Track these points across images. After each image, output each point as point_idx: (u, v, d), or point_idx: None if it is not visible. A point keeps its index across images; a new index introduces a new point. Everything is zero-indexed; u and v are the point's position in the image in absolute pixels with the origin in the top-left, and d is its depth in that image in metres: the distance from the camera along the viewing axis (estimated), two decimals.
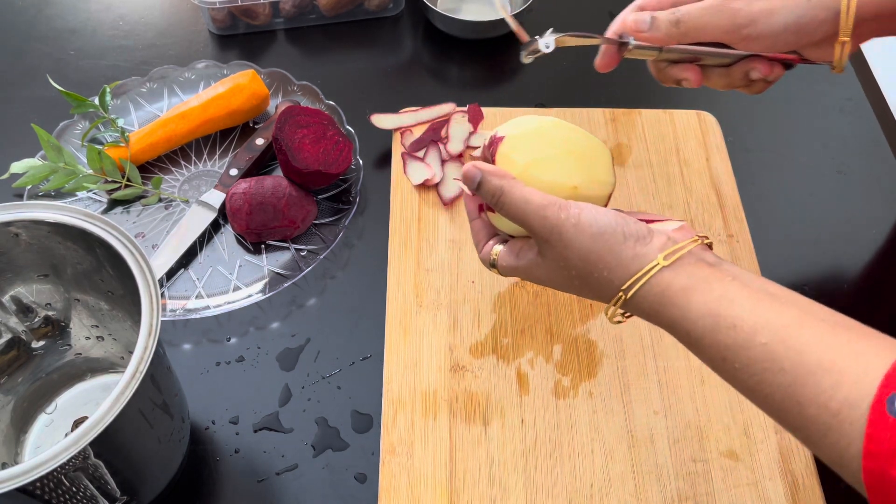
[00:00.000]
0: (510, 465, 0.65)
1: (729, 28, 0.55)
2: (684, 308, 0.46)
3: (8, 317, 0.61)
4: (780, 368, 0.42)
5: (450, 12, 0.94)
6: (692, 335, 0.47)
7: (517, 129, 0.55)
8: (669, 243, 0.48)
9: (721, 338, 0.45)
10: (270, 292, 0.73)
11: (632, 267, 0.48)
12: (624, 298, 0.48)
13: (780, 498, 0.64)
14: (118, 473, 0.52)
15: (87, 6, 0.98)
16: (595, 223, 0.48)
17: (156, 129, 0.81)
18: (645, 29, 0.56)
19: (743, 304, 0.45)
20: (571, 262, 0.49)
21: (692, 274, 0.47)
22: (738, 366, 0.45)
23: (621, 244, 0.48)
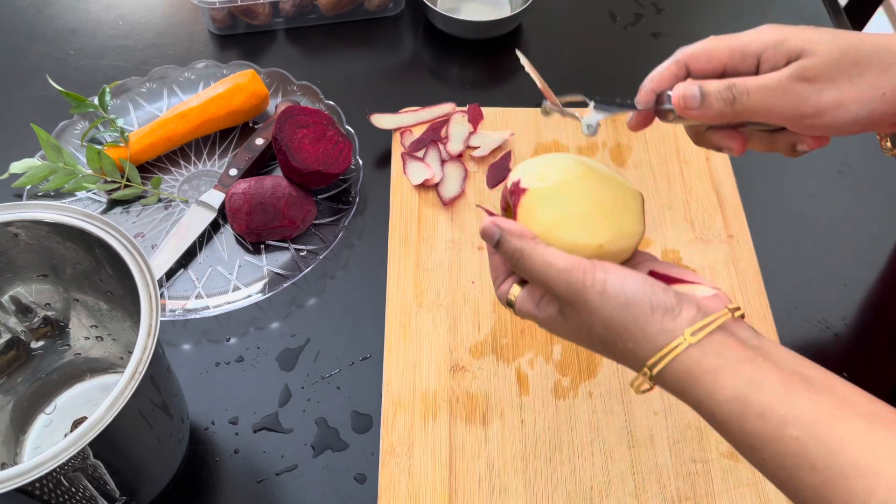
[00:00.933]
0: (510, 465, 0.65)
1: (792, 115, 0.49)
2: (711, 390, 0.44)
3: (7, 317, 0.61)
4: (812, 466, 0.40)
5: (450, 12, 0.93)
6: (717, 418, 0.44)
7: (541, 179, 0.51)
8: (699, 316, 0.45)
9: (749, 426, 0.42)
10: (270, 292, 0.73)
11: (658, 342, 0.45)
12: (649, 375, 0.46)
13: (780, 498, 0.64)
14: (117, 474, 0.52)
15: (87, 6, 0.98)
16: (622, 292, 0.46)
17: (155, 129, 0.81)
18: (695, 107, 0.49)
19: (774, 390, 0.42)
20: (595, 328, 0.47)
21: (720, 353, 0.44)
22: (766, 457, 0.42)
23: (648, 316, 0.45)
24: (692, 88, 0.49)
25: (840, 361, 0.73)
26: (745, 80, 0.49)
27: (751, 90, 0.49)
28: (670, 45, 0.79)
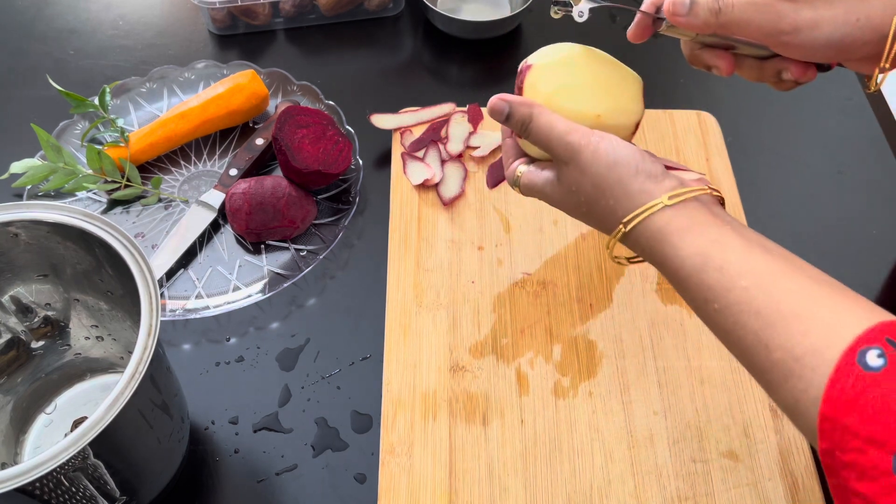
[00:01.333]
0: (510, 465, 0.65)
1: (770, 31, 0.52)
2: (677, 246, 0.48)
3: (7, 317, 0.61)
4: (756, 311, 0.44)
5: (450, 12, 0.94)
6: (680, 273, 0.48)
7: (545, 58, 0.56)
8: (679, 186, 0.50)
9: (706, 278, 0.46)
10: (270, 292, 0.73)
11: (637, 201, 0.49)
12: (623, 231, 0.50)
13: (779, 498, 0.64)
14: (118, 473, 0.52)
15: (87, 6, 0.98)
16: (612, 153, 0.50)
17: (155, 129, 0.81)
18: (683, 13, 0.53)
19: (734, 249, 0.46)
20: (583, 187, 0.51)
21: (691, 217, 0.48)
22: (717, 307, 0.46)
23: (631, 177, 0.50)
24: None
25: None
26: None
27: (735, 3, 0.52)
28: (670, 46, 0.79)
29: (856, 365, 0.39)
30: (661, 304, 0.74)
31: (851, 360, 0.39)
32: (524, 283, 0.75)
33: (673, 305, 0.74)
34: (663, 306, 0.73)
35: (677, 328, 0.72)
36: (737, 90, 0.93)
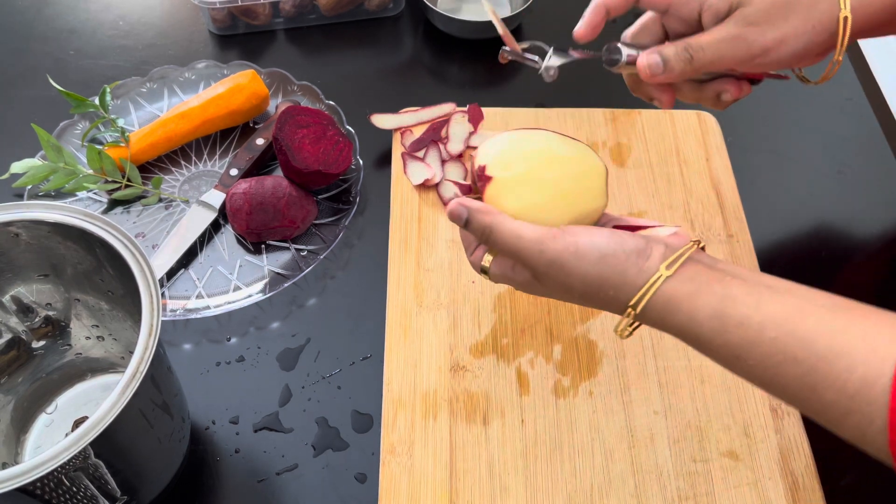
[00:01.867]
0: (510, 464, 0.65)
1: (743, 58, 0.55)
2: (691, 313, 0.47)
3: (8, 317, 0.61)
4: (794, 359, 0.44)
5: (450, 12, 0.94)
6: (702, 339, 0.47)
7: (505, 168, 0.53)
8: (668, 252, 0.49)
9: (730, 337, 0.46)
10: (270, 292, 0.73)
11: (638, 282, 0.48)
12: (633, 314, 0.49)
13: (780, 498, 0.64)
14: (118, 473, 0.52)
15: (87, 6, 0.98)
16: (595, 248, 0.49)
17: (156, 129, 0.81)
18: (660, 73, 0.55)
19: (746, 301, 0.46)
20: (575, 287, 0.50)
21: (693, 279, 0.47)
22: (752, 363, 0.46)
23: (624, 263, 0.48)
24: (654, 57, 0.56)
25: None
26: (697, 38, 0.55)
27: (704, 46, 0.55)
28: None
29: None
30: None
31: None
32: None
33: None
34: None
35: None
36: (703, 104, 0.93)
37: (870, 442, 0.42)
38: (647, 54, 0.56)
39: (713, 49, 0.55)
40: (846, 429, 0.43)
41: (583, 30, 0.58)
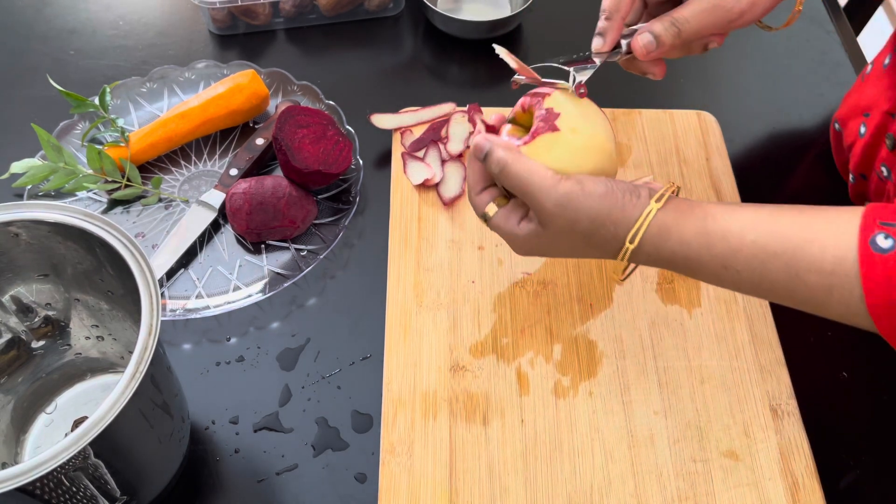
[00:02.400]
0: (510, 464, 0.65)
1: (722, 24, 0.61)
2: (679, 237, 0.53)
3: (8, 317, 0.61)
4: (774, 254, 0.50)
5: (450, 12, 0.94)
6: (692, 257, 0.53)
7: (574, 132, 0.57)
8: (653, 192, 0.54)
9: (716, 250, 0.52)
10: (270, 292, 0.73)
11: (634, 215, 0.53)
12: (631, 248, 0.54)
13: (780, 498, 0.64)
14: (118, 473, 0.52)
15: (87, 6, 0.98)
16: (598, 187, 0.54)
17: (156, 129, 0.81)
18: (653, 50, 0.60)
19: (724, 217, 0.52)
20: (580, 225, 0.54)
21: (676, 209, 0.54)
22: (739, 268, 0.51)
23: (621, 199, 0.54)
24: (646, 36, 0.60)
25: (840, 360, 0.73)
26: (680, 10, 0.60)
27: (689, 18, 0.60)
28: None
29: (873, 254, 0.46)
30: (661, 304, 0.74)
31: (868, 252, 0.46)
32: (524, 283, 0.75)
33: (673, 305, 0.74)
34: (663, 306, 0.74)
35: (677, 328, 0.72)
36: (737, 90, 0.93)
37: (855, 313, 0.48)
38: (640, 35, 0.61)
39: (696, 20, 0.60)
40: (834, 306, 0.49)
41: (608, 46, 0.62)
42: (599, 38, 0.61)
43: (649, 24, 0.61)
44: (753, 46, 0.97)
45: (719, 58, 0.96)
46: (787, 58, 0.96)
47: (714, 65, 0.95)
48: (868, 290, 0.46)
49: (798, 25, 0.99)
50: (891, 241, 0.46)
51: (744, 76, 0.94)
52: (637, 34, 0.61)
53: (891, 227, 0.46)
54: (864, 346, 0.73)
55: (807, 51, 0.97)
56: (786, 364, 0.71)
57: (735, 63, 0.96)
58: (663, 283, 0.75)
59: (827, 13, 1.00)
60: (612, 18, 0.61)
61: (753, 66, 0.95)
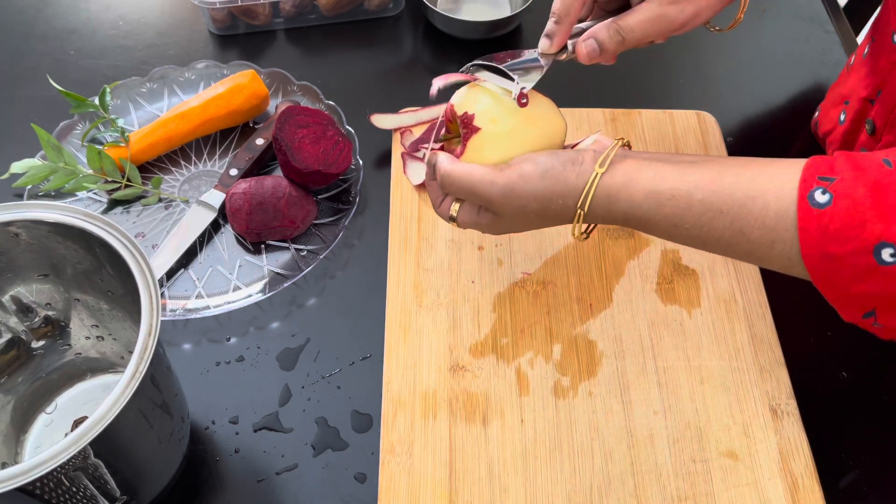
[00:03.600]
0: (510, 464, 0.65)
1: (666, 32, 0.62)
2: (629, 199, 0.54)
3: (8, 317, 0.61)
4: (720, 211, 0.52)
5: (450, 12, 0.94)
6: (643, 218, 0.55)
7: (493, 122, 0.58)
8: (597, 155, 0.55)
9: (666, 210, 0.53)
10: (270, 292, 0.73)
11: (579, 185, 0.55)
12: (583, 213, 0.55)
13: (779, 498, 0.64)
14: (118, 473, 0.52)
15: (87, 6, 0.98)
16: (537, 167, 0.56)
17: (156, 129, 0.81)
18: (596, 56, 0.62)
19: (673, 177, 0.53)
20: (529, 207, 0.56)
21: (624, 171, 0.55)
22: (688, 226, 0.53)
23: (563, 172, 0.55)
24: (590, 43, 0.62)
25: (840, 360, 0.73)
26: (625, 18, 0.61)
27: (633, 27, 0.61)
28: (669, 47, 0.79)
29: (811, 208, 0.48)
30: (661, 304, 0.74)
31: (806, 207, 0.48)
32: (524, 283, 0.75)
33: (673, 305, 0.74)
34: (663, 306, 0.74)
35: (677, 328, 0.72)
36: (737, 90, 0.93)
37: (794, 264, 0.50)
38: (583, 42, 0.62)
39: (641, 28, 0.61)
40: (775, 258, 0.51)
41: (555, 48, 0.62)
42: (547, 41, 0.62)
43: (594, 31, 0.62)
44: (753, 46, 0.97)
45: (718, 58, 0.96)
46: (786, 58, 0.96)
47: (713, 65, 0.95)
48: (804, 242, 0.48)
49: (798, 25, 0.99)
50: (828, 195, 0.48)
51: (743, 76, 0.94)
52: (581, 40, 0.62)
53: (828, 181, 0.48)
54: (864, 346, 0.73)
55: (807, 51, 0.97)
56: (785, 364, 0.71)
57: (734, 63, 0.96)
58: (663, 283, 0.75)
59: (827, 13, 1.00)
60: (562, 22, 0.61)
61: (753, 66, 0.95)
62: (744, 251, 0.53)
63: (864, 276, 0.47)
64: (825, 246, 0.48)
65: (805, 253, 0.49)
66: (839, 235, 0.47)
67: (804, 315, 0.75)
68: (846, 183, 0.47)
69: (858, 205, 0.47)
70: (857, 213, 0.47)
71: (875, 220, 0.46)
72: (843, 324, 0.52)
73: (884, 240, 0.46)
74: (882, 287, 0.47)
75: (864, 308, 0.49)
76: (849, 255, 0.47)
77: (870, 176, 0.47)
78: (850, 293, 0.49)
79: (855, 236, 0.47)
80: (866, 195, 0.47)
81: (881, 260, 0.46)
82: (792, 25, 0.99)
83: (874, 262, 0.46)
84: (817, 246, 0.48)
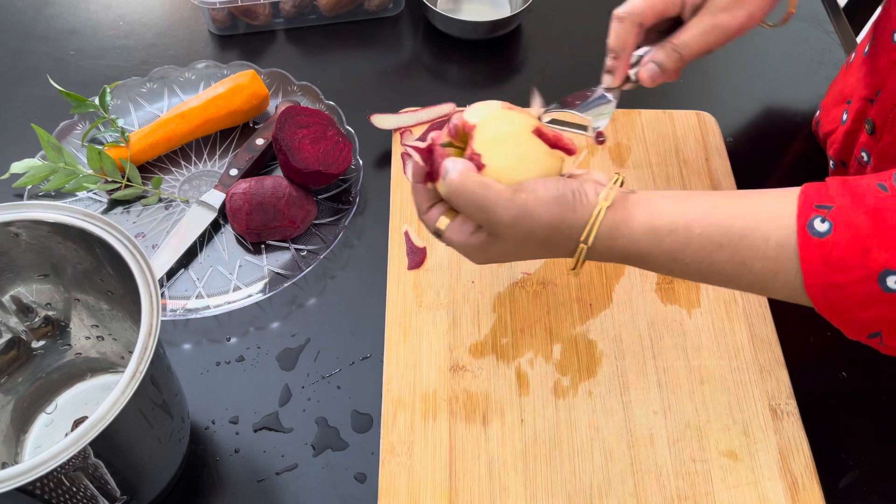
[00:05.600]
0: (510, 464, 0.65)
1: (723, 40, 0.62)
2: (629, 234, 0.54)
3: (8, 317, 0.61)
4: (720, 245, 0.51)
5: (450, 12, 0.94)
6: (643, 253, 0.54)
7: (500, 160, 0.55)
8: (599, 187, 0.55)
9: (665, 246, 0.53)
10: (270, 292, 0.73)
11: (584, 216, 0.54)
12: (586, 248, 0.54)
13: (779, 498, 0.64)
14: (118, 473, 0.52)
15: (87, 6, 0.98)
16: (549, 192, 0.54)
17: (156, 129, 0.81)
18: (658, 78, 0.63)
19: (671, 212, 0.53)
20: (537, 232, 0.54)
21: (624, 205, 0.54)
22: (687, 260, 0.53)
23: (573, 202, 0.54)
24: (651, 67, 0.62)
25: (840, 360, 0.73)
26: (681, 36, 0.62)
27: (689, 42, 0.62)
28: None
29: (811, 238, 0.48)
30: (661, 304, 0.74)
31: (806, 236, 0.48)
32: (524, 283, 0.75)
33: (673, 305, 0.74)
34: (663, 306, 0.74)
35: (677, 328, 0.72)
36: (737, 90, 0.93)
37: (799, 294, 0.50)
38: (645, 67, 0.63)
39: (696, 42, 0.62)
40: (780, 289, 0.51)
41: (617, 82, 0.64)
42: (609, 77, 0.63)
43: (653, 55, 0.62)
44: (753, 47, 0.97)
45: (719, 58, 0.96)
46: (786, 58, 0.96)
47: (713, 65, 0.95)
48: (807, 272, 0.48)
49: (798, 25, 0.99)
50: (827, 223, 0.48)
51: (743, 76, 0.94)
52: (641, 65, 0.63)
53: (826, 209, 0.48)
54: (864, 347, 0.73)
55: (806, 51, 0.97)
56: (785, 364, 0.71)
57: (734, 63, 0.96)
58: (663, 283, 0.75)
59: (827, 13, 1.00)
60: (620, 57, 0.63)
61: (753, 67, 0.95)
62: (746, 283, 0.52)
63: (870, 304, 0.47)
64: (828, 276, 0.48)
65: (808, 283, 0.48)
66: (842, 264, 0.47)
67: (804, 315, 0.75)
68: (844, 210, 0.47)
69: (859, 232, 0.46)
70: (858, 240, 0.46)
71: (878, 247, 0.46)
72: None
73: (888, 267, 0.46)
74: (888, 313, 0.47)
75: (869, 330, 0.49)
76: (853, 283, 0.47)
77: (868, 202, 0.47)
78: (856, 318, 0.49)
79: (858, 264, 0.46)
80: (866, 222, 0.46)
81: (886, 287, 0.46)
82: (792, 25, 0.99)
83: (879, 290, 0.46)
84: (820, 276, 0.48)
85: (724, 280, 0.53)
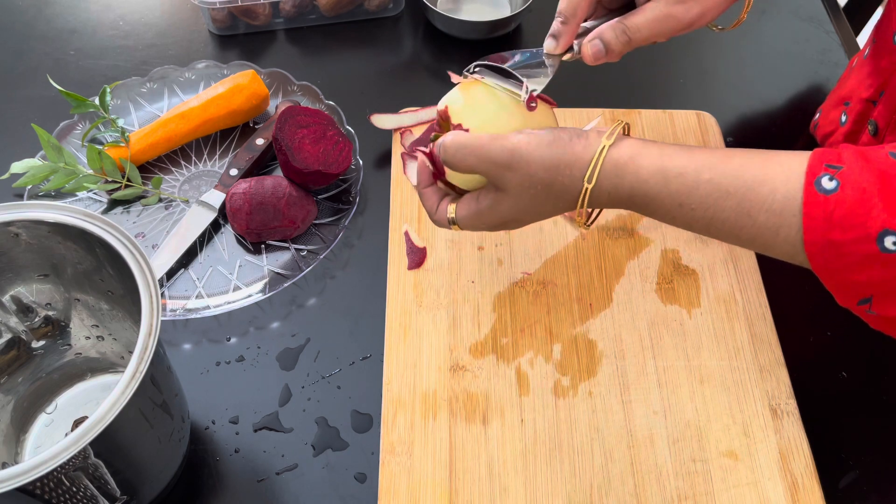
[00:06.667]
0: (510, 464, 0.65)
1: (672, 32, 0.62)
2: (636, 173, 0.54)
3: (8, 317, 0.61)
4: (727, 193, 0.51)
5: (450, 12, 0.94)
6: (648, 195, 0.54)
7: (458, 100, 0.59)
8: (601, 134, 0.55)
9: (673, 188, 0.53)
10: (270, 292, 0.73)
11: (586, 156, 0.54)
12: (589, 188, 0.54)
13: (779, 498, 0.64)
14: (118, 473, 0.52)
15: (87, 6, 0.98)
16: (544, 135, 0.55)
17: (156, 129, 0.81)
18: (602, 56, 0.61)
19: (681, 155, 0.53)
20: (537, 176, 0.55)
21: (629, 146, 0.54)
22: (693, 206, 0.53)
23: (571, 142, 0.55)
24: (596, 43, 0.61)
25: (840, 360, 0.73)
26: (632, 18, 0.60)
27: (640, 27, 0.60)
28: (669, 47, 0.79)
29: (817, 194, 0.48)
30: (661, 304, 0.74)
31: (812, 192, 0.48)
32: (524, 283, 0.75)
33: (673, 305, 0.74)
34: (663, 306, 0.74)
35: (677, 328, 0.72)
36: (737, 90, 0.93)
37: (798, 251, 0.50)
38: (589, 43, 0.61)
39: (647, 28, 0.61)
40: (780, 245, 0.51)
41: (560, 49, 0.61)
42: (553, 41, 0.61)
43: (600, 31, 0.60)
44: (753, 46, 0.97)
45: (719, 58, 0.96)
46: (786, 58, 0.96)
47: (713, 65, 0.95)
48: (808, 227, 0.48)
49: (798, 25, 0.99)
50: (835, 182, 0.48)
51: (743, 76, 0.94)
52: (587, 40, 0.61)
53: (835, 168, 0.48)
54: (864, 347, 0.74)
55: (806, 51, 0.97)
56: (785, 364, 0.71)
57: (734, 63, 0.96)
58: (663, 283, 0.75)
59: (827, 13, 1.00)
60: (568, 23, 0.60)
61: (753, 66, 0.95)
62: (748, 236, 0.52)
63: (866, 265, 0.47)
64: (828, 233, 0.48)
65: (808, 239, 0.49)
66: (843, 222, 0.47)
67: (804, 315, 0.75)
68: (853, 171, 0.48)
69: (865, 193, 0.47)
70: (863, 200, 0.47)
71: (881, 208, 0.46)
72: (843, 324, 0.52)
73: (887, 227, 0.46)
74: (882, 275, 0.47)
75: (861, 295, 0.49)
76: (851, 242, 0.47)
77: (877, 166, 0.47)
78: (849, 280, 0.49)
79: (859, 224, 0.47)
80: (873, 184, 0.47)
81: (884, 248, 0.46)
82: (792, 25, 0.99)
83: (876, 250, 0.46)
84: (820, 232, 0.48)
85: (727, 231, 0.53)
